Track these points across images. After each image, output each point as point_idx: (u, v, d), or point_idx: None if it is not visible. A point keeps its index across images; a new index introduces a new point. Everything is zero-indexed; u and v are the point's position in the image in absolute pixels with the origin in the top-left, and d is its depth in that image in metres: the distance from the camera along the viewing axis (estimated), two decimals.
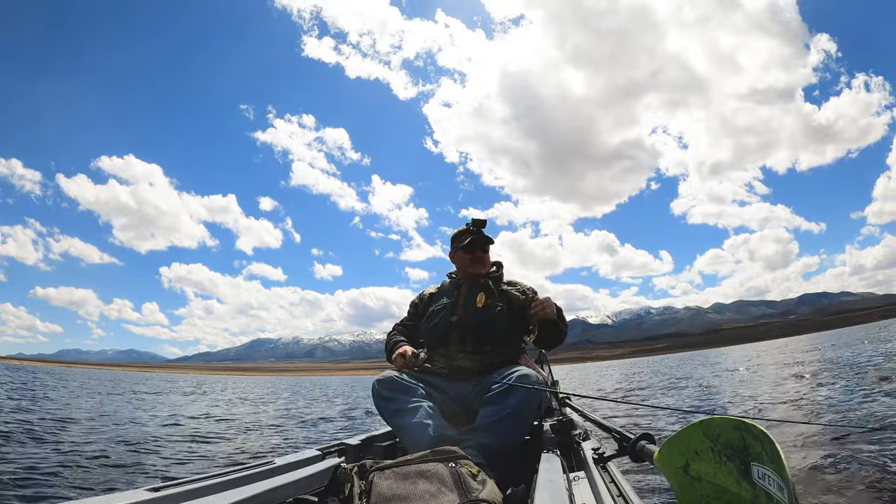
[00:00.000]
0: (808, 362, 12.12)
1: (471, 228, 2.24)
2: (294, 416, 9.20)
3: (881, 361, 9.24)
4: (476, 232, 2.23)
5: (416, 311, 2.30)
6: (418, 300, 2.35)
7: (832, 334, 32.17)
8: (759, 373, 11.49)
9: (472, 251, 2.21)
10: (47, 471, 3.58)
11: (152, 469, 3.96)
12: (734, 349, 59.58)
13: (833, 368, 9.32)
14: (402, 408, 1.77)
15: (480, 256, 2.21)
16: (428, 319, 2.17)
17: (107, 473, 3.72)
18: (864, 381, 6.54)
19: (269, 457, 1.58)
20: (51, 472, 3.57)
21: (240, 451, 5.05)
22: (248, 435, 6.41)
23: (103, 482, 3.46)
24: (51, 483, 3.30)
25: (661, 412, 5.83)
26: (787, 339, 37.22)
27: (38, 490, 3.11)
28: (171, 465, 4.19)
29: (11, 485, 3.16)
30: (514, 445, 1.73)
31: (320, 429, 7.26)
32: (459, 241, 2.24)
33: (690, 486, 0.95)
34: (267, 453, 4.89)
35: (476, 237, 2.21)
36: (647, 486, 2.94)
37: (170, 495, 1.08)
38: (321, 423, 7.95)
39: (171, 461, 4.33)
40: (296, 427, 7.46)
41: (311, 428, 7.40)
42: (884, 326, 24.92)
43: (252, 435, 6.43)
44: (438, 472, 1.16)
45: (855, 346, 15.73)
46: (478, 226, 2.24)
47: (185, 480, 1.19)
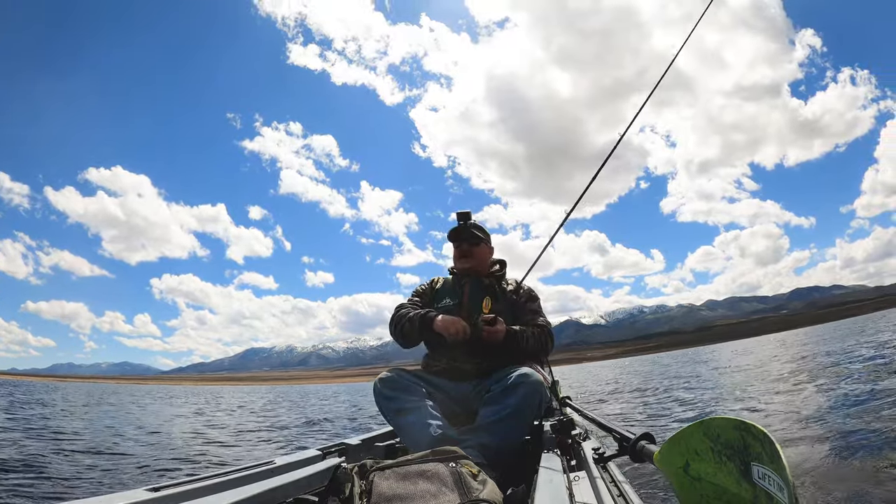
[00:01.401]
0: (801, 358, 12.11)
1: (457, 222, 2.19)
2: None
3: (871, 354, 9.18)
4: (460, 224, 2.17)
5: (422, 301, 2.21)
6: (429, 288, 2.26)
7: (825, 327, 32.12)
8: (749, 369, 11.48)
9: (458, 245, 2.18)
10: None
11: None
12: (727, 345, 59.61)
13: (826, 363, 9.30)
14: (403, 407, 1.77)
15: (466, 250, 2.16)
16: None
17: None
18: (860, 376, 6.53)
19: (270, 457, 1.58)
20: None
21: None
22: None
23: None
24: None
25: (660, 412, 5.83)
26: (783, 333, 37.29)
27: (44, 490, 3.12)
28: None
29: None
30: (515, 445, 1.73)
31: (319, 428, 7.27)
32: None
33: (691, 486, 0.95)
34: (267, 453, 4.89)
35: (455, 230, 2.17)
36: (648, 486, 2.94)
37: (170, 495, 1.08)
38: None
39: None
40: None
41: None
42: (875, 318, 24.98)
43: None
44: (439, 472, 1.16)
45: (846, 339, 15.65)
46: (460, 218, 2.18)
47: (185, 480, 1.19)
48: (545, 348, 2.05)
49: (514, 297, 2.14)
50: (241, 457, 4.93)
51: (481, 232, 2.20)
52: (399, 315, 2.08)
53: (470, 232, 2.16)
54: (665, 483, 2.76)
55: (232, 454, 5.07)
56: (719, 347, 53.61)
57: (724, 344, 76.63)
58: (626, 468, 1.67)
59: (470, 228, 2.17)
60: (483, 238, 2.19)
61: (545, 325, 2.08)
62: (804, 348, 15.91)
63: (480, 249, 2.19)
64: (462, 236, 2.17)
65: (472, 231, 2.17)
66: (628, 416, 6.32)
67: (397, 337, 2.08)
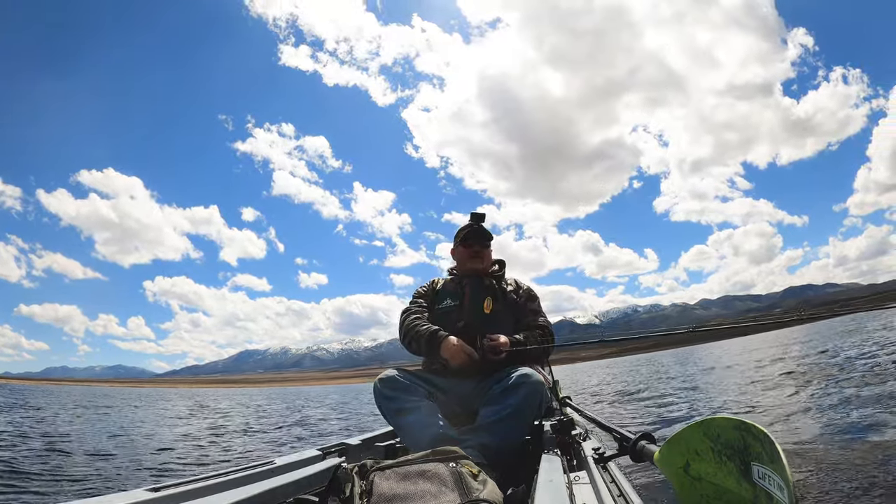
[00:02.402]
0: (792, 357, 12.09)
1: (472, 223, 2.21)
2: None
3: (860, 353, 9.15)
4: (475, 226, 2.20)
5: (424, 303, 2.21)
6: (430, 290, 2.25)
7: (819, 325, 32.08)
8: (741, 370, 11.47)
9: (469, 246, 2.19)
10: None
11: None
12: (722, 344, 59.63)
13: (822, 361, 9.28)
14: (403, 407, 1.77)
15: (479, 251, 2.18)
16: (433, 321, 2.12)
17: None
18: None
19: (270, 457, 1.58)
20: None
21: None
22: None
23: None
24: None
25: (660, 412, 5.83)
26: (776, 332, 37.21)
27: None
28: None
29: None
30: (515, 445, 1.73)
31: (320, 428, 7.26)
32: (459, 235, 2.22)
33: (691, 486, 0.95)
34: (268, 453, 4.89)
35: (473, 231, 2.19)
36: (648, 486, 2.94)
37: (170, 495, 1.08)
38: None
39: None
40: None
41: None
42: (870, 316, 25.06)
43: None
44: (439, 472, 1.16)
45: (838, 339, 15.61)
46: (476, 220, 2.20)
47: (185, 480, 1.19)
48: (547, 351, 2.05)
49: (515, 296, 2.15)
50: (229, 458, 4.93)
51: (488, 233, 2.23)
52: (408, 327, 2.06)
53: (486, 233, 2.20)
54: (665, 483, 2.76)
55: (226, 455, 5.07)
56: (713, 346, 53.69)
57: (719, 343, 76.69)
58: (627, 468, 1.66)
59: (485, 230, 2.20)
60: (490, 239, 2.23)
61: (546, 325, 2.09)
62: (798, 347, 15.90)
63: (489, 251, 2.23)
64: (476, 238, 2.19)
65: (485, 232, 2.20)
66: (623, 417, 6.32)
67: (406, 347, 2.09)
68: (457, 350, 1.88)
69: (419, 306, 2.17)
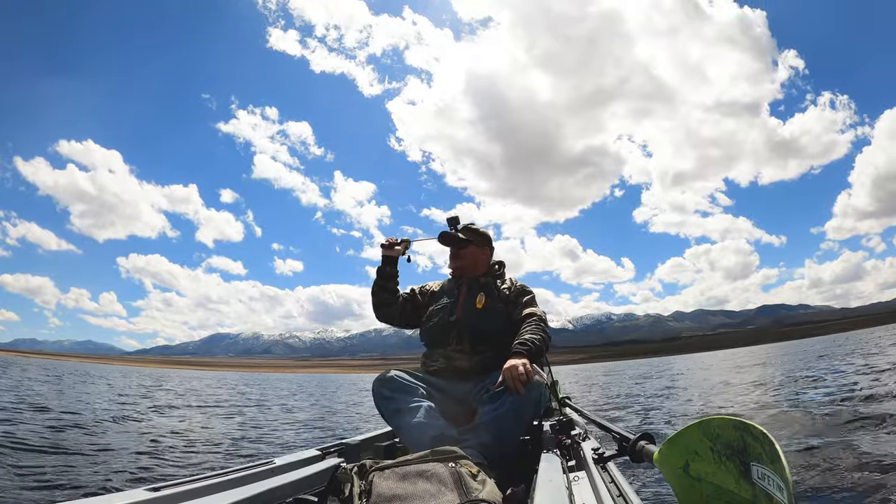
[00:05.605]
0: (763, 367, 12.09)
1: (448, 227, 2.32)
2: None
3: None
4: (447, 230, 2.29)
5: (411, 292, 2.34)
6: (418, 289, 2.37)
7: (789, 345, 32.33)
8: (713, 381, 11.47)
9: (449, 247, 2.28)
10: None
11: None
12: (693, 356, 59.95)
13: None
14: (402, 407, 1.78)
15: (455, 253, 2.27)
16: (427, 319, 2.19)
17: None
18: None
19: (269, 457, 1.58)
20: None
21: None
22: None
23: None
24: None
25: (660, 412, 5.83)
26: (749, 347, 37.58)
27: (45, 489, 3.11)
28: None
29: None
30: (514, 444, 1.73)
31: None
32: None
33: (690, 486, 0.95)
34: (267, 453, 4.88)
35: (443, 235, 2.28)
36: (647, 486, 2.94)
37: (169, 495, 1.08)
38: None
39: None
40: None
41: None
42: (840, 340, 25.10)
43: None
44: (438, 472, 1.16)
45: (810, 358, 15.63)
46: (449, 223, 2.31)
47: (185, 480, 1.19)
48: (545, 343, 2.06)
49: (507, 293, 2.19)
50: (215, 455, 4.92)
51: (471, 235, 2.28)
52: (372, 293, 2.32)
53: (455, 236, 2.27)
54: (664, 483, 2.76)
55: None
56: (684, 358, 53.92)
57: (690, 355, 77.00)
58: (626, 468, 1.67)
59: (457, 232, 2.28)
60: (471, 240, 2.27)
61: (540, 315, 2.08)
62: (769, 364, 15.94)
63: (468, 251, 2.28)
64: (448, 241, 2.28)
65: (457, 235, 2.28)
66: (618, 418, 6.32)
67: (375, 309, 2.31)
68: (385, 243, 2.22)
69: (397, 285, 2.34)
